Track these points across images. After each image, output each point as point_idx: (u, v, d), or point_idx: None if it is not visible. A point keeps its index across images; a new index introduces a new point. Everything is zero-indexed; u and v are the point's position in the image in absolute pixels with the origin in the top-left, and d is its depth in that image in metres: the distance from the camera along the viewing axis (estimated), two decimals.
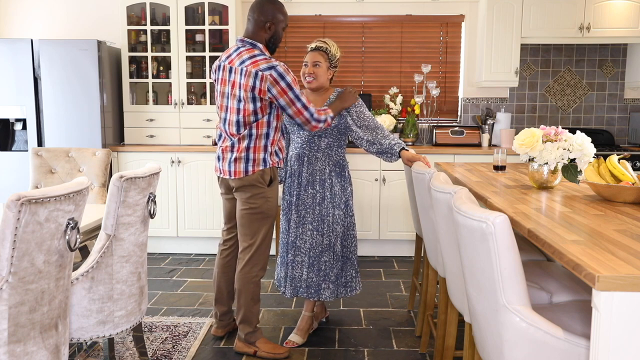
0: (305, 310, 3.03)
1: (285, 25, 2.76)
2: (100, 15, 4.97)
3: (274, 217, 2.79)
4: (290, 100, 2.62)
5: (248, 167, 2.68)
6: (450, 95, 5.08)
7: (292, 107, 2.63)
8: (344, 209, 2.94)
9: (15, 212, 1.49)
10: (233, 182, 2.74)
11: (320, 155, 2.91)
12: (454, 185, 1.88)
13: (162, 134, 4.69)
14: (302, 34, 5.00)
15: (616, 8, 4.54)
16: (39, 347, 1.64)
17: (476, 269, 1.60)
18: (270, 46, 2.74)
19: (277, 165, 2.77)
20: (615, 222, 1.82)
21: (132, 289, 2.22)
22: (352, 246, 3.01)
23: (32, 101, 4.43)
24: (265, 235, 2.75)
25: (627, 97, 5.03)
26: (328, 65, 2.90)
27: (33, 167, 3.26)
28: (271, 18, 2.68)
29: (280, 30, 2.73)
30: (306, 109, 2.65)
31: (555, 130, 2.43)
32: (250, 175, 2.68)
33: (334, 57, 2.91)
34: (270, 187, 2.74)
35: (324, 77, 2.89)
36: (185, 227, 4.59)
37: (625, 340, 1.28)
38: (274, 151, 2.73)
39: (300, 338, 2.94)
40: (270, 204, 2.75)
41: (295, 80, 2.64)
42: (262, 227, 2.74)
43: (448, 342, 2.26)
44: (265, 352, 2.78)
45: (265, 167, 2.70)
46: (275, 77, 2.57)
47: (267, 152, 2.70)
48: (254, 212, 2.72)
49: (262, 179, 2.70)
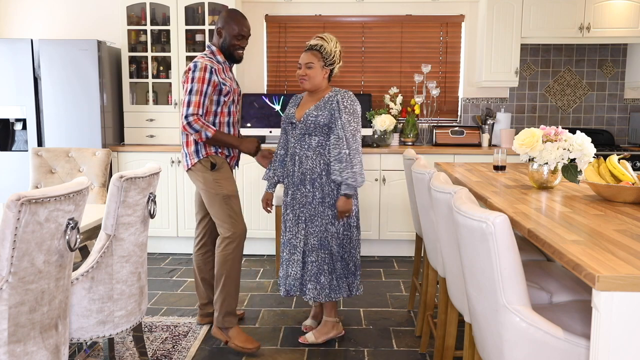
0: (326, 315, 3.00)
1: (236, 33, 2.86)
2: (100, 15, 4.97)
3: (230, 195, 2.88)
4: (185, 90, 2.77)
5: (187, 161, 2.90)
6: (450, 95, 5.08)
7: (184, 96, 2.78)
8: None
9: (15, 212, 1.49)
10: (186, 172, 2.97)
11: (310, 154, 2.85)
12: (454, 185, 1.88)
13: (162, 134, 4.69)
14: (302, 34, 5.00)
15: (616, 8, 4.54)
16: (39, 347, 1.64)
17: (476, 269, 1.60)
18: (225, 52, 2.90)
19: (216, 153, 2.88)
20: (615, 222, 1.82)
21: (132, 289, 2.22)
22: (351, 248, 2.92)
23: (32, 101, 4.43)
24: (230, 212, 2.87)
25: (627, 97, 5.03)
26: (322, 64, 2.82)
27: (33, 167, 3.26)
28: (221, 25, 2.88)
29: (230, 37, 2.86)
30: (188, 106, 2.75)
31: (555, 130, 2.43)
32: (193, 168, 2.89)
33: (329, 54, 2.82)
34: (215, 171, 2.87)
35: (317, 78, 2.83)
36: (185, 227, 4.59)
37: (625, 340, 1.28)
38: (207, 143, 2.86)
39: (314, 338, 2.94)
40: (220, 184, 2.86)
41: (205, 80, 2.74)
42: (223, 206, 2.86)
43: (448, 342, 2.26)
44: (235, 344, 2.85)
45: (200, 158, 2.86)
46: (190, 67, 2.78)
47: (199, 145, 2.85)
48: (210, 195, 2.87)
49: (203, 166, 2.87)
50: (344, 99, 2.79)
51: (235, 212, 2.89)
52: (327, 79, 2.90)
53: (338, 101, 2.78)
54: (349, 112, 2.77)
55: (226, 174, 2.91)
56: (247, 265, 4.37)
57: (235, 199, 2.91)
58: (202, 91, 2.75)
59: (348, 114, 2.77)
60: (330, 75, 2.90)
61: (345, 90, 2.86)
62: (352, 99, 2.82)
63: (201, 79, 2.74)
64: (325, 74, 2.85)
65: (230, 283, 2.89)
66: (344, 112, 2.76)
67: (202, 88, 2.75)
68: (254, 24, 4.94)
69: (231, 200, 2.88)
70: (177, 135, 4.68)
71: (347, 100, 2.79)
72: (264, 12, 4.99)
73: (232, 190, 2.90)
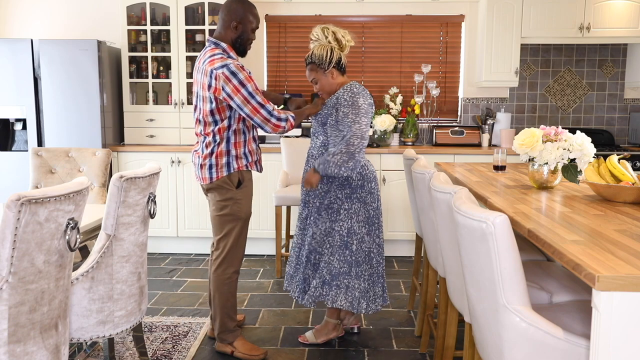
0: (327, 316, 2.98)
1: (255, 27, 2.70)
2: (100, 15, 4.97)
3: (245, 220, 2.76)
4: (244, 98, 2.55)
5: (212, 174, 2.68)
6: (450, 95, 5.08)
7: (247, 105, 2.56)
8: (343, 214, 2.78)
9: (15, 212, 1.49)
10: (204, 185, 2.76)
11: (315, 153, 2.82)
12: (454, 185, 1.88)
13: (162, 134, 4.69)
14: (302, 34, 4.99)
15: (616, 8, 4.54)
16: (39, 347, 1.64)
17: (476, 269, 1.60)
18: (237, 47, 2.70)
19: (247, 169, 2.73)
20: (615, 222, 1.82)
21: (132, 289, 2.22)
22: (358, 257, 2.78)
23: (32, 101, 4.43)
24: (237, 237, 2.74)
25: (627, 97, 5.03)
26: (323, 70, 2.73)
27: (33, 167, 3.26)
28: (238, 18, 2.65)
29: (248, 31, 2.68)
30: (262, 106, 2.58)
31: (555, 130, 2.43)
32: (215, 181, 2.69)
33: (321, 58, 2.70)
34: (240, 189, 2.71)
35: (327, 86, 2.76)
36: (185, 227, 4.59)
37: (625, 340, 1.28)
38: (240, 154, 2.70)
39: (313, 337, 2.94)
40: (240, 206, 2.72)
41: (250, 78, 2.57)
42: (233, 229, 2.73)
43: (448, 342, 2.26)
44: (242, 353, 2.78)
45: (230, 171, 2.68)
46: (227, 74, 2.53)
47: (231, 156, 2.68)
48: (224, 214, 2.72)
49: (229, 181, 2.69)
50: (344, 93, 2.71)
51: (244, 236, 2.77)
52: (340, 73, 2.78)
53: (337, 97, 2.73)
54: (347, 104, 2.67)
55: (248, 190, 2.77)
56: (247, 265, 4.37)
57: (247, 223, 2.80)
58: (256, 87, 2.59)
59: (347, 107, 2.67)
60: (341, 68, 2.77)
61: (353, 84, 2.74)
62: (354, 92, 2.69)
63: (248, 78, 2.56)
64: (331, 74, 2.75)
65: (231, 306, 2.81)
66: (342, 106, 2.68)
67: (254, 85, 2.59)
68: None
69: (246, 223, 2.77)
70: (177, 135, 4.68)
71: (347, 94, 2.70)
72: (264, 12, 4.99)
73: (248, 213, 2.77)
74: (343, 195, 2.79)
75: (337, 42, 2.76)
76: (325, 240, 2.81)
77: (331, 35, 2.74)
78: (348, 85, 2.74)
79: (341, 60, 2.76)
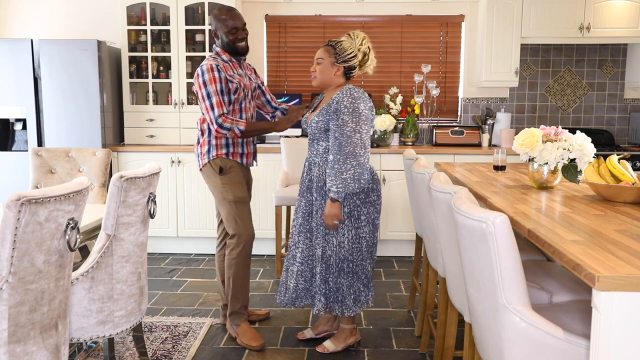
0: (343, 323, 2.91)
1: (231, 26, 2.84)
2: (100, 15, 4.97)
3: (237, 202, 2.89)
4: (202, 97, 2.79)
5: (199, 161, 2.96)
6: (450, 95, 5.08)
7: (202, 103, 2.80)
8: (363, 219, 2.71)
9: (15, 212, 1.49)
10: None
11: (318, 161, 2.72)
12: (454, 185, 1.88)
13: (162, 134, 4.69)
14: (302, 34, 4.99)
15: (616, 8, 4.54)
16: (39, 347, 1.64)
17: (476, 269, 1.60)
18: (227, 49, 2.90)
19: (227, 157, 2.90)
20: (615, 222, 1.82)
21: (132, 289, 2.22)
22: (362, 260, 2.75)
23: (32, 101, 4.43)
24: (235, 218, 2.88)
25: (627, 97, 5.03)
26: (334, 60, 2.67)
27: (33, 167, 3.26)
28: (214, 26, 2.89)
29: (223, 34, 2.86)
30: (212, 109, 2.76)
31: (555, 130, 2.43)
32: (203, 168, 2.94)
33: (344, 50, 2.66)
34: (224, 175, 2.89)
35: (325, 75, 2.70)
36: (185, 227, 4.59)
37: (625, 340, 1.28)
38: (221, 144, 2.90)
39: (333, 345, 2.87)
40: (227, 190, 2.89)
41: (216, 80, 2.76)
42: (230, 212, 2.89)
43: (448, 342, 2.26)
44: (241, 341, 2.92)
45: (210, 158, 2.90)
46: (198, 73, 2.80)
47: (212, 145, 2.89)
48: (218, 200, 2.94)
49: (212, 168, 2.91)
50: (344, 98, 2.59)
51: (241, 216, 2.89)
52: (344, 77, 2.73)
53: (337, 101, 2.60)
54: (348, 111, 2.57)
55: (234, 178, 2.91)
56: None
57: (242, 205, 2.90)
58: (218, 90, 2.77)
59: (347, 114, 2.57)
60: (349, 74, 2.73)
61: (351, 88, 2.65)
62: (355, 97, 2.60)
63: (212, 79, 2.76)
64: (336, 71, 2.69)
65: (235, 286, 2.93)
66: (342, 113, 2.58)
67: (216, 87, 2.76)
68: (254, 24, 4.94)
69: (238, 205, 2.88)
70: (177, 135, 4.68)
71: (347, 99, 2.59)
72: (264, 12, 4.99)
73: (239, 197, 2.90)
74: (360, 201, 2.72)
75: (362, 55, 2.72)
76: (354, 247, 2.73)
77: (364, 47, 2.71)
78: (347, 88, 2.64)
79: (354, 69, 2.73)
